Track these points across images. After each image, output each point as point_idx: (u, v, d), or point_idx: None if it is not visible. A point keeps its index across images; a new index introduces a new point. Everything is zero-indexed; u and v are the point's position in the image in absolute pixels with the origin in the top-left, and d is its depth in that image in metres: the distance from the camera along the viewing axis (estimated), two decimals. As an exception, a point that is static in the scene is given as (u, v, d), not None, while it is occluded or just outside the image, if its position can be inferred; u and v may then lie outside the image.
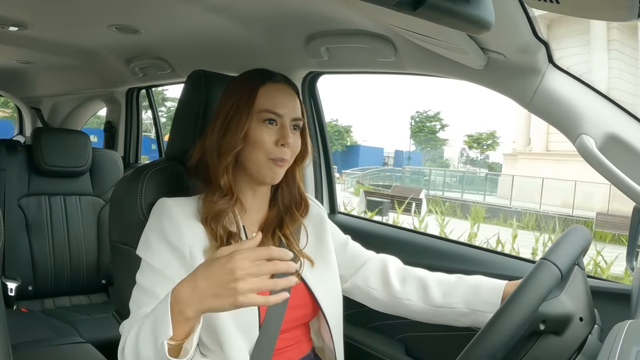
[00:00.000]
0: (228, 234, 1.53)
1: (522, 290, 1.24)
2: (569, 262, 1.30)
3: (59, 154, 3.45)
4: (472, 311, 1.63)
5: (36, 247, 3.38)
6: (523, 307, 1.21)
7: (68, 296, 3.53)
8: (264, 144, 1.52)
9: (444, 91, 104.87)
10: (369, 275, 1.81)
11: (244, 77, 1.63)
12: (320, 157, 2.84)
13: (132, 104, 4.34)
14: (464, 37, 1.50)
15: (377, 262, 1.83)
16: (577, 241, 1.35)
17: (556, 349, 1.31)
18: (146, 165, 1.73)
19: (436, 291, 1.70)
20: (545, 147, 34.90)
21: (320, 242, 1.76)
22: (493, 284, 1.64)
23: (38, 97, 4.95)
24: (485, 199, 27.44)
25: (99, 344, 2.84)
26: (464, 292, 1.66)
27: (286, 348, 1.61)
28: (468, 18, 0.97)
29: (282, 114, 1.55)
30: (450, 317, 1.68)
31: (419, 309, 1.72)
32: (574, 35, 29.94)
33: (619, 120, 1.60)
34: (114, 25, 2.59)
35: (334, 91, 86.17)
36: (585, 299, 1.37)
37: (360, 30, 2.00)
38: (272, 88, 1.58)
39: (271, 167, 1.55)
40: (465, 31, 1.35)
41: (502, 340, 1.19)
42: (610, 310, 1.51)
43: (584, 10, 1.18)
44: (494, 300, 1.59)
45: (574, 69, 1.71)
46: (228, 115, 1.54)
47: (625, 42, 29.99)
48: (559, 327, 1.32)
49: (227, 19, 2.21)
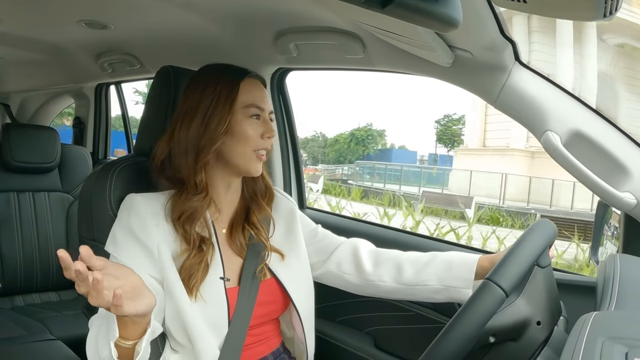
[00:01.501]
0: (201, 239, 1.54)
1: (464, 313, 1.22)
2: (517, 276, 1.27)
3: (27, 150, 3.42)
4: (445, 287, 1.63)
5: (5, 244, 3.34)
6: (465, 330, 1.20)
7: (38, 293, 3.49)
8: (250, 137, 1.56)
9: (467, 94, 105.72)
10: (341, 260, 1.81)
11: (213, 72, 1.63)
12: (288, 153, 2.84)
13: (101, 99, 4.32)
14: (432, 35, 1.51)
15: (349, 247, 1.83)
16: (534, 244, 1.32)
17: (512, 355, 1.32)
18: (115, 161, 1.73)
19: (409, 270, 1.71)
20: (483, 143, 37.01)
21: (291, 234, 1.77)
22: (466, 258, 1.65)
23: (6, 93, 4.90)
24: (402, 188, 29.86)
25: (69, 341, 2.82)
26: (437, 269, 1.67)
27: (255, 343, 1.63)
28: (436, 16, 0.97)
29: (264, 107, 1.60)
30: (423, 295, 1.69)
31: (393, 289, 1.73)
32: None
33: (584, 117, 1.63)
34: (83, 20, 2.57)
35: (369, 94, 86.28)
36: (545, 300, 1.36)
37: (329, 27, 2.01)
38: (251, 83, 1.61)
39: (255, 160, 1.59)
40: (433, 29, 1.36)
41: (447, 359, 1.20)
42: (576, 303, 1.54)
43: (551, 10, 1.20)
44: (467, 275, 1.60)
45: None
46: (207, 112, 1.54)
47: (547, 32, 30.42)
48: (515, 334, 1.32)
49: (197, 15, 2.20)
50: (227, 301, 1.52)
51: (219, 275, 1.54)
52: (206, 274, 1.50)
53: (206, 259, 1.51)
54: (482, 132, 37.24)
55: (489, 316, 1.22)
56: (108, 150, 4.46)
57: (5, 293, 3.36)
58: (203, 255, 1.51)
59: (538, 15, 1.25)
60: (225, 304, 1.52)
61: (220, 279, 1.54)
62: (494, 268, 1.28)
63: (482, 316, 1.21)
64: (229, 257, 1.62)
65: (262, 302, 1.60)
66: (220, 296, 1.52)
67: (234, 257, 1.63)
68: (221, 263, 1.57)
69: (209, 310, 1.49)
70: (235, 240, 1.65)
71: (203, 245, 1.53)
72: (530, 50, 29.73)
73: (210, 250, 1.54)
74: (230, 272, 1.59)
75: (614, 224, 1.77)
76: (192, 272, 1.48)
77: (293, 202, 1.88)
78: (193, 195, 1.54)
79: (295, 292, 1.67)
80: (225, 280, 1.54)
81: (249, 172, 1.61)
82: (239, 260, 1.64)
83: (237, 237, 1.65)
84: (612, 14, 1.16)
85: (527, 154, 33.33)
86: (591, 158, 1.59)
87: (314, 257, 1.81)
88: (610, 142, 1.59)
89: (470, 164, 33.97)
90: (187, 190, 1.55)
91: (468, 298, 1.26)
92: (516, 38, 1.62)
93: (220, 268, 1.56)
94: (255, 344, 1.63)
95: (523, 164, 32.65)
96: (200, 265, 1.49)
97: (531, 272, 1.34)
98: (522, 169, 31.62)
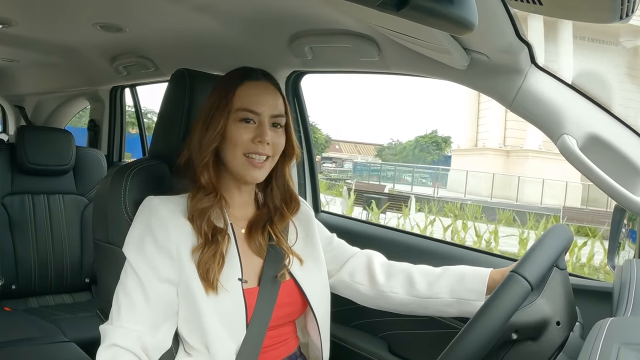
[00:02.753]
0: (213, 229, 1.53)
1: (490, 305, 1.24)
2: (541, 272, 1.29)
3: (42, 153, 3.43)
4: (457, 300, 1.63)
5: (19, 246, 3.36)
6: (491, 322, 1.21)
7: (52, 295, 3.51)
8: (240, 142, 1.53)
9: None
10: (354, 270, 1.82)
11: (226, 76, 1.64)
12: (303, 157, 2.84)
13: (115, 102, 4.32)
14: (447, 38, 1.51)
15: (362, 258, 1.84)
16: (553, 245, 1.34)
17: (532, 355, 1.32)
18: (130, 164, 1.73)
19: (421, 282, 1.70)
20: (475, 144, 38.72)
21: (309, 240, 1.77)
22: (478, 272, 1.65)
23: (22, 95, 4.92)
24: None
25: (82, 343, 2.83)
26: (449, 281, 1.67)
27: (273, 346, 1.62)
28: (451, 19, 0.97)
29: (259, 111, 1.56)
30: (436, 308, 1.69)
31: (405, 301, 1.73)
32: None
33: (601, 121, 1.62)
34: (98, 23, 2.58)
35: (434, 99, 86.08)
36: (564, 301, 1.37)
37: (344, 30, 2.01)
38: (251, 86, 1.58)
39: (248, 166, 1.55)
40: (449, 32, 1.35)
41: (471, 354, 1.20)
42: (592, 308, 1.53)
43: (567, 11, 1.20)
44: (479, 287, 1.59)
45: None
46: (208, 115, 1.55)
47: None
48: (535, 333, 1.32)
49: (212, 18, 2.21)
50: (244, 302, 1.51)
51: (237, 275, 1.53)
52: (222, 266, 1.50)
53: (221, 250, 1.50)
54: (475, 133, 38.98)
55: (515, 307, 1.23)
56: (123, 153, 4.47)
57: (19, 295, 3.37)
58: (218, 246, 1.50)
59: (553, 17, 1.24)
60: (242, 305, 1.51)
61: (239, 280, 1.53)
62: (519, 262, 1.30)
63: (508, 307, 1.23)
64: (247, 256, 1.61)
65: (282, 304, 1.60)
66: (238, 297, 1.51)
67: (253, 257, 1.62)
68: (239, 262, 1.56)
69: (226, 310, 1.48)
70: (254, 240, 1.64)
71: (218, 235, 1.52)
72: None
73: (225, 241, 1.53)
74: (248, 273, 1.58)
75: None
76: (209, 266, 1.47)
77: (310, 208, 1.87)
78: (204, 195, 1.55)
79: (313, 295, 1.67)
80: (242, 282, 1.53)
81: (244, 179, 1.58)
82: (257, 260, 1.63)
83: (256, 237, 1.64)
84: (628, 16, 1.15)
85: (501, 152, 35.02)
86: (607, 162, 1.58)
87: (328, 265, 1.81)
88: (627, 145, 1.58)
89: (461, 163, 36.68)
90: (199, 190, 1.55)
91: (494, 291, 1.27)
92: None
93: (238, 267, 1.55)
94: (273, 346, 1.62)
95: (498, 162, 34.34)
96: (215, 257, 1.49)
97: (550, 272, 1.35)
98: (497, 167, 33.26)
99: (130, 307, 1.43)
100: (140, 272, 1.45)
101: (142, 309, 1.43)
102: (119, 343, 1.38)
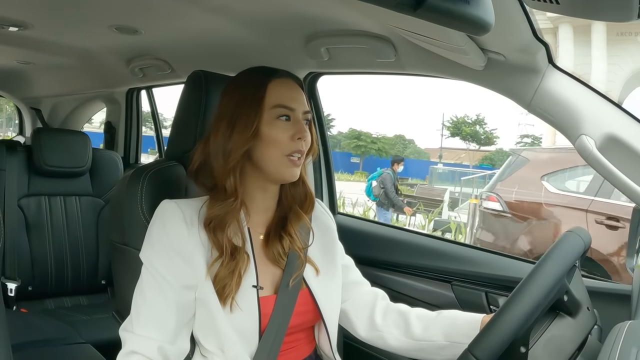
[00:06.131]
0: (232, 247, 1.49)
1: (549, 257, 1.25)
2: (586, 243, 1.33)
3: (59, 155, 3.46)
4: (450, 343, 1.61)
5: (36, 247, 3.38)
6: (555, 267, 1.23)
7: (68, 296, 3.53)
8: (280, 141, 1.49)
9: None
10: (358, 305, 1.79)
11: (245, 75, 1.60)
12: (320, 157, 2.84)
13: (132, 104, 4.33)
14: (464, 38, 1.50)
15: (369, 295, 1.82)
16: (575, 242, 1.34)
17: (570, 331, 1.31)
18: (146, 166, 1.73)
19: (416, 325, 1.69)
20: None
21: (328, 253, 1.74)
22: (470, 317, 1.64)
23: (38, 98, 4.96)
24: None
25: (99, 344, 2.84)
26: (443, 325, 1.65)
27: (287, 350, 1.60)
28: (468, 19, 0.97)
29: (294, 107, 1.52)
30: (430, 351, 1.67)
31: (400, 343, 1.71)
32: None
33: (619, 121, 1.60)
34: (114, 25, 2.59)
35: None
36: (586, 295, 1.38)
37: (360, 30, 2.00)
38: (280, 83, 1.54)
39: (288, 164, 1.51)
40: (465, 32, 1.35)
41: (532, 302, 1.19)
42: (610, 311, 1.52)
43: (584, 10, 1.19)
44: (472, 332, 1.54)
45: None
46: (234, 115, 1.50)
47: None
48: (575, 309, 1.32)
49: (227, 19, 2.21)
50: (258, 310, 1.49)
51: (252, 283, 1.51)
52: (239, 284, 1.47)
53: (239, 269, 1.47)
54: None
55: (572, 262, 1.28)
56: (139, 155, 4.48)
57: (36, 296, 3.39)
58: (236, 264, 1.47)
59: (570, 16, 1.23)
60: (256, 313, 1.49)
61: (253, 287, 1.50)
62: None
63: (567, 260, 1.27)
64: (264, 265, 1.58)
65: (297, 312, 1.57)
66: (252, 305, 1.49)
67: (270, 265, 1.60)
68: (255, 271, 1.54)
69: (239, 318, 1.46)
70: (272, 248, 1.60)
71: (236, 254, 1.49)
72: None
73: (243, 259, 1.50)
74: (264, 280, 1.55)
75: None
76: (226, 283, 1.45)
77: (333, 220, 1.84)
78: (223, 200, 1.50)
79: (326, 306, 1.64)
80: (258, 289, 1.51)
81: (283, 178, 1.55)
82: (274, 268, 1.60)
83: (274, 245, 1.61)
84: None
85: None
86: (626, 162, 1.57)
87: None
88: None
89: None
90: (217, 195, 1.52)
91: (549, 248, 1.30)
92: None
93: (253, 276, 1.52)
94: (287, 350, 1.60)
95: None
96: (233, 275, 1.45)
97: (574, 270, 1.36)
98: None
99: (150, 314, 1.42)
100: (158, 278, 1.44)
101: (162, 317, 1.42)
102: (140, 351, 1.38)
